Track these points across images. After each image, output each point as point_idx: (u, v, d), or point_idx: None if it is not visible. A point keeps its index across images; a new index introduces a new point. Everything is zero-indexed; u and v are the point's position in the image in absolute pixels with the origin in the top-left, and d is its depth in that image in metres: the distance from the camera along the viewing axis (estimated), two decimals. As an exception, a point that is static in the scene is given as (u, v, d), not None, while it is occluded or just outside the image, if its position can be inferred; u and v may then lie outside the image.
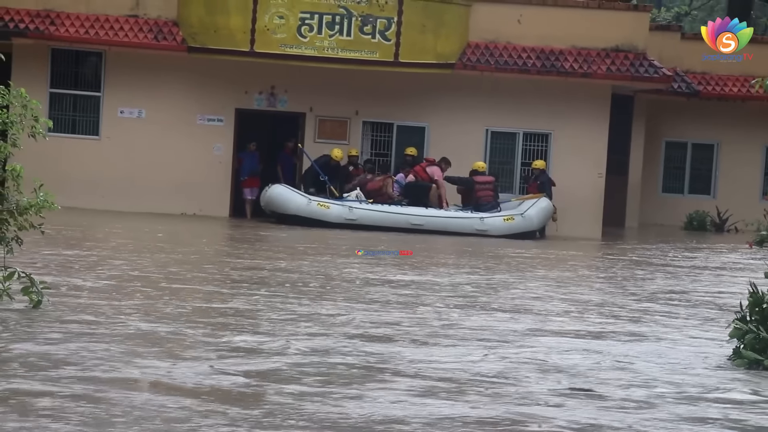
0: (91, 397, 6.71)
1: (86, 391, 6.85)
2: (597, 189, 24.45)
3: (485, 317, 11.14)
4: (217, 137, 24.17)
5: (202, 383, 7.31)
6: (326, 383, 7.54)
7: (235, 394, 7.11)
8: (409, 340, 9.50)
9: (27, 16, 23.26)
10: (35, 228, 9.95)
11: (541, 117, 24.57)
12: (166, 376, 7.44)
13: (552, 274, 16.00)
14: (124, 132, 23.91)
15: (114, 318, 9.72)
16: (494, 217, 22.84)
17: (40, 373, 7.30)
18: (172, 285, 12.28)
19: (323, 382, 7.57)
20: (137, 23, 23.49)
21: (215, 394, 7.07)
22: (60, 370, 7.41)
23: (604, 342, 9.96)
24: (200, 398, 6.89)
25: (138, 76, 23.89)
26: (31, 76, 22.86)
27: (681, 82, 27.84)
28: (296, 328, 9.77)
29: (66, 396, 6.69)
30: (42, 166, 18.63)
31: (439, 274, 15.24)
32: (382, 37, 23.30)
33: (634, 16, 24.81)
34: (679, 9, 52.39)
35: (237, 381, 7.45)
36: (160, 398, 6.83)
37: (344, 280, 13.76)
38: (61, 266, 13.23)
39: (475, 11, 24.03)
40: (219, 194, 24.14)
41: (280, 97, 24.37)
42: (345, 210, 22.50)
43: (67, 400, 6.59)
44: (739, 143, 29.31)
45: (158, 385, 7.19)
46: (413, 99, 24.43)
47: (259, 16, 23.12)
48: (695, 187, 29.67)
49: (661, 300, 13.49)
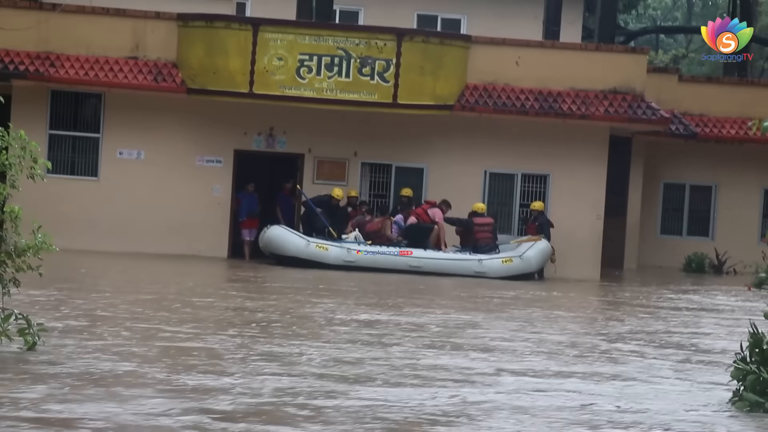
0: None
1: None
2: (595, 230, 24.45)
3: (446, 357, 11.15)
4: (215, 178, 24.18)
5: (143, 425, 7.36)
6: (268, 422, 7.63)
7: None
8: (365, 379, 9.53)
9: (27, 58, 23.33)
10: (33, 270, 9.94)
11: (540, 158, 24.60)
12: (111, 418, 7.46)
13: (521, 314, 15.97)
14: (123, 173, 23.92)
15: (72, 358, 9.72)
16: (493, 259, 22.82)
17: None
18: (137, 325, 12.31)
19: (265, 422, 7.64)
20: (137, 65, 23.55)
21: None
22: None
23: (556, 381, 9.95)
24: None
25: (137, 117, 23.94)
26: (30, 117, 22.90)
27: (679, 124, 27.89)
28: (257, 367, 9.80)
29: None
30: (41, 208, 18.64)
31: (412, 313, 15.24)
32: (381, 79, 23.36)
33: (631, 58, 24.90)
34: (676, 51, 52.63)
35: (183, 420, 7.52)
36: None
37: (312, 319, 13.83)
38: (51, 307, 13.23)
39: (474, 53, 24.11)
40: (217, 235, 24.12)
41: (279, 138, 24.41)
42: (343, 252, 22.49)
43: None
44: (737, 185, 29.34)
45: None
46: (412, 140, 24.47)
47: (259, 57, 23.19)
48: (694, 229, 29.66)
49: (630, 340, 13.46)
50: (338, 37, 23.37)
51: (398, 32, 23.78)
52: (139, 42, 23.69)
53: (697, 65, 51.70)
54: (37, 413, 7.52)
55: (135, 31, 23.68)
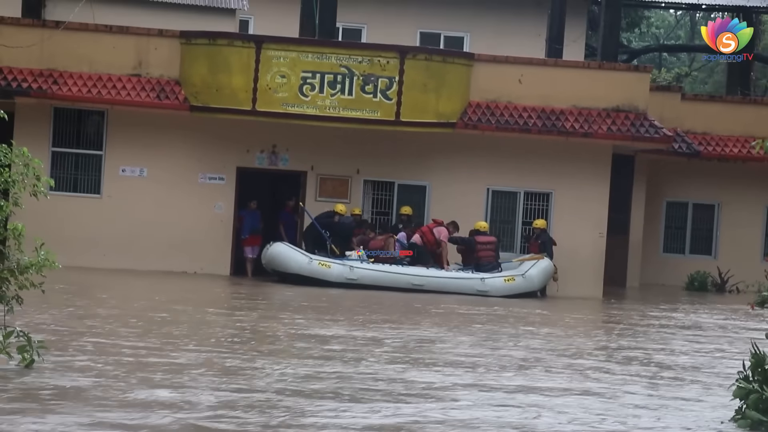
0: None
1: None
2: (598, 248, 24.43)
3: (404, 372, 11.22)
4: (218, 196, 24.19)
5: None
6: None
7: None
8: (321, 394, 9.62)
9: (30, 76, 23.35)
10: (36, 287, 9.94)
11: (542, 176, 24.60)
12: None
13: (485, 329, 15.93)
14: (125, 191, 23.94)
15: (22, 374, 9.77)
16: (495, 277, 22.80)
17: None
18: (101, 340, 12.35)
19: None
20: (140, 82, 23.58)
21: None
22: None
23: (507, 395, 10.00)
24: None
25: (140, 134, 23.96)
26: (33, 135, 22.95)
27: (682, 143, 27.89)
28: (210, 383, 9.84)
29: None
30: (43, 225, 18.68)
31: (378, 330, 15.27)
32: (384, 97, 23.38)
33: (634, 76, 24.89)
34: (679, 70, 52.67)
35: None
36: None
37: (289, 336, 13.86)
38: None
39: (477, 71, 24.12)
40: (220, 253, 24.12)
41: (282, 155, 24.42)
42: (346, 269, 22.47)
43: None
44: (740, 204, 29.33)
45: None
46: (414, 158, 24.48)
47: (261, 75, 23.22)
48: (696, 248, 29.64)
49: (589, 357, 13.41)
50: (341, 55, 23.40)
51: (401, 50, 23.80)
52: (142, 59, 23.72)
53: (701, 84, 51.77)
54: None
55: (138, 48, 23.71)
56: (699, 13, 53.57)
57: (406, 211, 23.98)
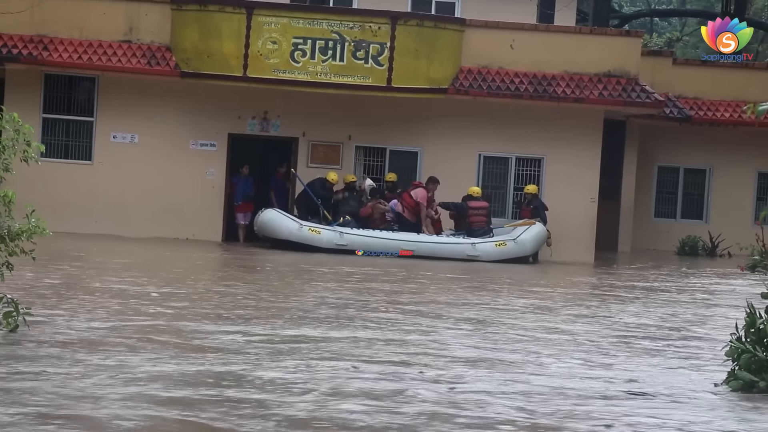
0: None
1: None
2: (589, 214, 24.47)
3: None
4: (210, 162, 24.17)
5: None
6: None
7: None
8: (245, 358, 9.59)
9: (20, 42, 23.28)
10: (26, 254, 9.94)
11: (534, 142, 24.61)
12: None
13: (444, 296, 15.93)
14: (116, 157, 23.91)
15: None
16: (486, 242, 22.82)
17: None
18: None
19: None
20: (130, 48, 23.52)
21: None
22: None
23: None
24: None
25: (131, 101, 23.91)
26: (23, 101, 22.90)
27: (673, 107, 27.91)
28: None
29: None
30: (34, 192, 18.68)
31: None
32: (375, 62, 23.34)
33: (626, 41, 24.88)
34: (670, 35, 52.60)
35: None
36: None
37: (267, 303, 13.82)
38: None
39: (468, 37, 24.09)
40: (212, 219, 24.13)
41: (273, 122, 24.39)
42: (336, 235, 22.48)
43: None
44: (731, 168, 29.38)
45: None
46: (406, 124, 24.46)
47: (252, 41, 23.17)
48: (688, 212, 29.71)
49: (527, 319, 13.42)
50: (332, 21, 23.35)
51: (392, 16, 23.75)
52: (132, 25, 23.66)
53: (692, 48, 51.69)
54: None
55: (128, 14, 23.64)
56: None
57: (390, 178, 23.98)
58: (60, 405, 7.34)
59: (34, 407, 7.23)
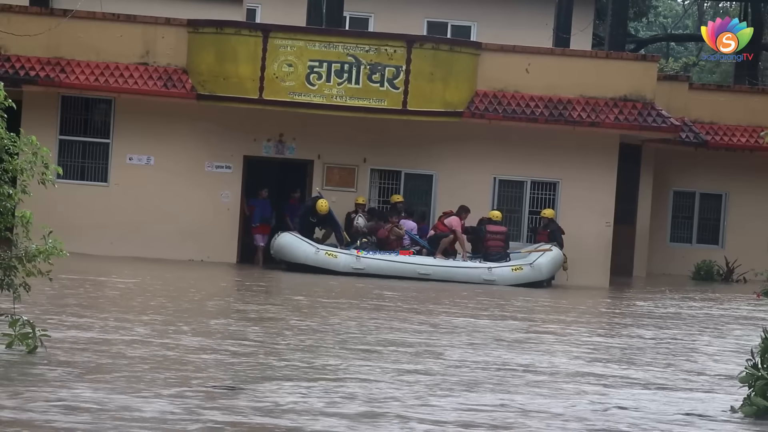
0: None
1: None
2: (605, 238, 24.41)
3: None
4: (225, 184, 24.20)
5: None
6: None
7: None
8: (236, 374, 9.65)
9: (38, 64, 23.37)
10: (43, 275, 9.96)
11: (549, 166, 24.58)
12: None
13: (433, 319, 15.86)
14: (132, 179, 23.96)
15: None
16: (503, 267, 22.76)
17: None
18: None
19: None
20: (147, 71, 23.59)
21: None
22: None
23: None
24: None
25: (147, 123, 23.97)
26: (40, 123, 22.96)
27: (689, 132, 27.84)
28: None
29: None
30: (51, 213, 18.73)
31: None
32: (391, 86, 23.37)
33: (642, 66, 24.85)
34: (687, 59, 52.60)
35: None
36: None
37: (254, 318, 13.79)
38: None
39: (484, 60, 24.10)
40: (227, 241, 24.14)
41: (289, 144, 24.42)
42: (352, 259, 22.47)
43: None
44: (747, 194, 29.28)
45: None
46: (421, 147, 24.46)
47: (268, 64, 23.21)
48: (703, 237, 29.61)
49: (509, 346, 13.33)
50: (348, 44, 23.38)
51: (408, 39, 23.77)
52: (149, 48, 23.73)
53: (708, 73, 51.68)
54: None
55: (145, 37, 23.72)
56: (707, 2, 53.45)
57: (397, 199, 23.96)
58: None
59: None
